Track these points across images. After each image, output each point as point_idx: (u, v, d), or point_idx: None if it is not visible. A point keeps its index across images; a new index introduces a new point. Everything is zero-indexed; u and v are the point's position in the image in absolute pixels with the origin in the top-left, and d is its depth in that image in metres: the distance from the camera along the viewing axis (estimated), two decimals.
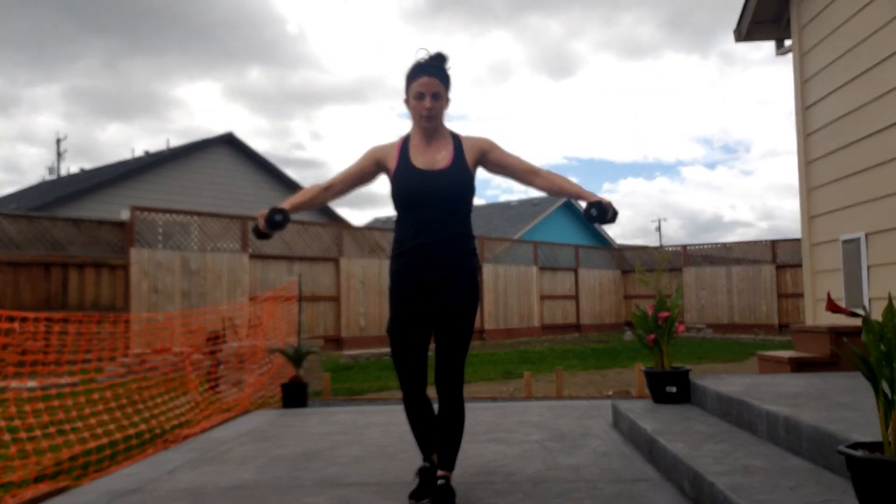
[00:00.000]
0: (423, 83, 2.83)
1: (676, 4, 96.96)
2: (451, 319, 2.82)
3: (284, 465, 3.59)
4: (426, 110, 2.83)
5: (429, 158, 2.88)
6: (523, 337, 17.97)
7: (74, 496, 3.12)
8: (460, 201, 2.89)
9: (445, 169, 2.86)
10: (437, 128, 2.91)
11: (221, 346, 7.08)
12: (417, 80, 2.83)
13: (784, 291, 18.24)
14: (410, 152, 2.90)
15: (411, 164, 2.87)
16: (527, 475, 3.22)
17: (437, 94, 2.84)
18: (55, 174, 30.94)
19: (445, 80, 2.89)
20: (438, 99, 2.85)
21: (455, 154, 2.89)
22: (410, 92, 2.86)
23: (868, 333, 1.87)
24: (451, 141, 2.94)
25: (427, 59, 2.89)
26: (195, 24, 72.63)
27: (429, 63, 2.88)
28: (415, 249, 2.84)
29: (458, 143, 2.93)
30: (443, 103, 2.88)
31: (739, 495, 2.24)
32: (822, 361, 5.30)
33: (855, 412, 2.93)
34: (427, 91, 2.82)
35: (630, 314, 4.77)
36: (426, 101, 2.83)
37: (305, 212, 15.68)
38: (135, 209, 11.62)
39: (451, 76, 2.92)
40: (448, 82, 2.91)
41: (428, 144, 2.91)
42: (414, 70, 2.87)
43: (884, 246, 5.19)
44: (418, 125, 2.90)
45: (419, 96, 2.83)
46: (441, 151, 2.90)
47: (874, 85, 5.30)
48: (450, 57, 2.92)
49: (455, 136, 2.97)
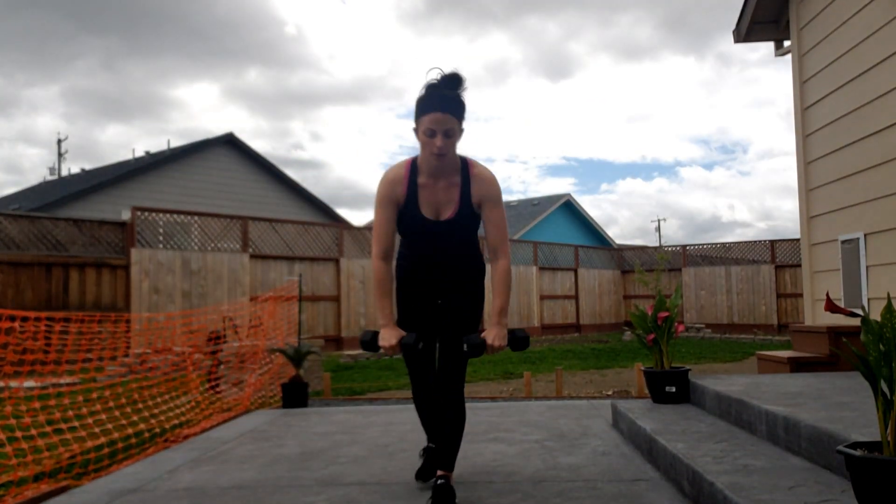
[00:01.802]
0: (435, 119, 2.59)
1: (673, 6, 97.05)
2: (456, 322, 2.85)
3: (285, 464, 3.60)
4: (437, 149, 2.62)
5: (435, 205, 2.77)
6: None
7: (75, 495, 3.12)
8: (465, 242, 2.87)
9: (451, 219, 2.78)
10: (448, 160, 2.73)
11: (222, 346, 7.09)
12: (429, 116, 2.60)
13: (783, 291, 18.24)
14: (419, 194, 2.76)
15: (418, 211, 2.77)
16: (526, 475, 3.22)
17: (449, 132, 2.62)
18: (56, 174, 30.95)
19: (460, 113, 2.65)
20: (451, 136, 2.63)
21: (461, 200, 2.76)
22: (421, 126, 2.64)
23: (867, 333, 1.87)
24: (460, 179, 2.76)
25: (440, 83, 2.64)
26: (194, 25, 72.68)
27: (442, 95, 2.62)
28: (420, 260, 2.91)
29: (465, 183, 2.75)
30: (455, 139, 2.67)
31: (739, 495, 2.24)
32: (821, 361, 5.31)
33: (854, 412, 2.93)
34: (439, 128, 2.60)
35: (629, 314, 4.78)
36: (437, 140, 2.61)
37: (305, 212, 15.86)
38: (135, 209, 11.63)
39: (465, 103, 2.68)
40: (463, 114, 2.67)
41: (436, 181, 2.76)
42: (426, 102, 2.63)
43: (882, 246, 5.20)
44: (427, 159, 2.72)
45: (430, 133, 2.61)
46: (448, 194, 2.76)
47: (873, 86, 5.30)
48: (465, 79, 2.66)
49: (465, 170, 2.77)
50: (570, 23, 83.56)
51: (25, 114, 68.92)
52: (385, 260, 2.81)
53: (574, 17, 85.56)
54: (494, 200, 2.78)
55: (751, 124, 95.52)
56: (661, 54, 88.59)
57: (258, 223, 13.32)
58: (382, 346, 2.72)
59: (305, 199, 23.37)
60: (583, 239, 27.12)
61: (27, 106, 68.33)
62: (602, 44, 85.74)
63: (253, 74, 76.23)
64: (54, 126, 76.21)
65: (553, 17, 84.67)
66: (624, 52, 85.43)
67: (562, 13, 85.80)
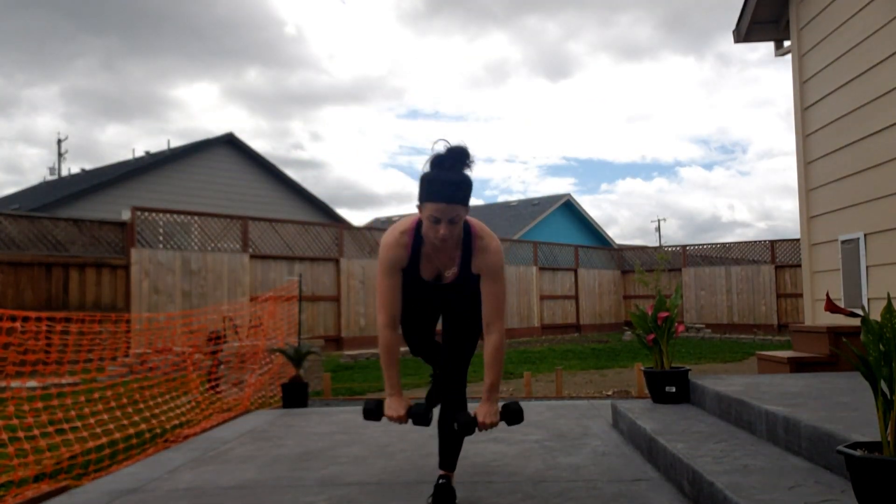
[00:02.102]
0: (440, 209, 2.47)
1: (673, 6, 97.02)
2: (457, 323, 2.86)
3: (285, 464, 3.60)
4: (440, 239, 2.52)
5: (436, 270, 2.73)
6: (523, 337, 17.97)
7: (75, 495, 3.12)
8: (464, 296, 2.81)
9: (451, 283, 2.75)
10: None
11: (222, 346, 7.09)
12: (434, 205, 2.47)
13: (783, 291, 18.25)
14: (421, 261, 2.70)
15: (420, 276, 2.73)
16: (527, 475, 3.22)
17: (454, 219, 2.50)
18: (56, 174, 30.95)
19: (466, 199, 2.53)
20: (455, 223, 2.51)
21: (461, 267, 2.69)
22: (425, 210, 2.51)
23: (867, 333, 1.87)
24: (461, 249, 2.67)
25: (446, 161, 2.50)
26: (193, 25, 72.64)
27: (449, 182, 2.48)
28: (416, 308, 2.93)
29: (467, 252, 2.67)
30: (460, 224, 2.55)
31: (739, 495, 2.25)
32: (821, 361, 5.31)
33: (854, 412, 2.94)
34: (444, 217, 2.48)
35: (629, 314, 4.78)
36: (441, 228, 2.49)
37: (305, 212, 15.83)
38: (135, 209, 11.63)
39: (472, 183, 2.54)
40: (469, 197, 2.54)
41: (439, 252, 2.68)
42: (432, 189, 2.48)
43: (882, 246, 5.20)
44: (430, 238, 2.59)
45: (434, 220, 2.49)
46: (450, 262, 2.69)
47: (873, 86, 5.30)
48: (472, 155, 2.53)
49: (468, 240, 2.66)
50: (569, 23, 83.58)
51: (25, 114, 68.94)
52: (392, 328, 2.68)
53: (574, 17, 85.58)
54: (495, 273, 2.68)
55: (750, 124, 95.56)
56: (660, 54, 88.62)
57: (258, 223, 13.33)
58: (389, 415, 2.62)
59: (305, 199, 23.38)
60: (583, 239, 27.12)
61: (27, 106, 68.35)
62: (602, 44, 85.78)
63: (252, 74, 76.26)
64: (54, 126, 76.22)
65: (553, 17, 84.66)
66: (624, 52, 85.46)
67: (561, 13, 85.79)
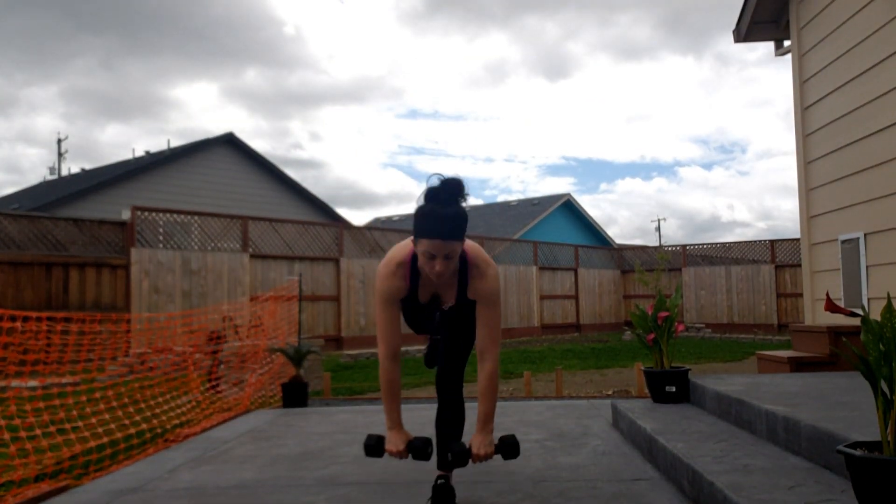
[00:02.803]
0: (435, 246, 2.42)
1: (672, 6, 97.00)
2: (454, 321, 2.85)
3: (285, 464, 3.60)
4: (436, 275, 2.47)
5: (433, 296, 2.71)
6: (523, 336, 17.97)
7: (75, 495, 3.12)
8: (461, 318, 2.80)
9: (448, 308, 2.74)
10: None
11: (222, 346, 7.09)
12: (429, 241, 2.42)
13: (783, 291, 18.25)
14: (419, 289, 2.66)
15: (416, 299, 2.70)
16: (527, 475, 3.22)
17: (450, 254, 2.45)
18: (56, 174, 30.95)
19: (461, 234, 2.48)
20: (451, 258, 2.47)
21: (458, 294, 2.67)
22: (420, 245, 2.47)
23: (867, 333, 1.87)
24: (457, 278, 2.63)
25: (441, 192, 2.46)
26: (192, 25, 72.65)
27: (444, 217, 2.43)
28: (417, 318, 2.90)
29: (463, 282, 2.64)
30: (456, 259, 2.50)
31: (739, 494, 2.25)
32: (821, 361, 5.31)
33: (854, 412, 2.94)
34: (440, 253, 2.43)
35: (629, 314, 4.78)
36: (437, 265, 2.45)
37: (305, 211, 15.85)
38: (135, 209, 11.63)
39: (467, 217, 2.51)
40: (464, 231, 2.49)
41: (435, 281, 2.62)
42: (426, 225, 2.44)
43: (882, 246, 5.20)
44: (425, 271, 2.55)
45: (429, 256, 2.45)
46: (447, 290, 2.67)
47: (873, 85, 5.30)
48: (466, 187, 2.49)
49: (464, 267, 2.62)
50: (568, 23, 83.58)
51: (25, 114, 68.98)
52: (393, 360, 2.63)
53: (573, 17, 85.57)
54: (491, 300, 2.63)
55: (749, 124, 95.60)
56: (659, 54, 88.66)
57: (258, 223, 13.33)
58: (389, 450, 2.58)
59: (305, 199, 23.38)
60: (583, 239, 27.12)
61: (26, 106, 68.38)
62: (601, 44, 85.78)
63: (252, 74, 76.27)
64: (54, 126, 76.28)
65: (552, 17, 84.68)
66: (623, 52, 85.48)
67: (560, 13, 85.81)
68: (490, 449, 2.58)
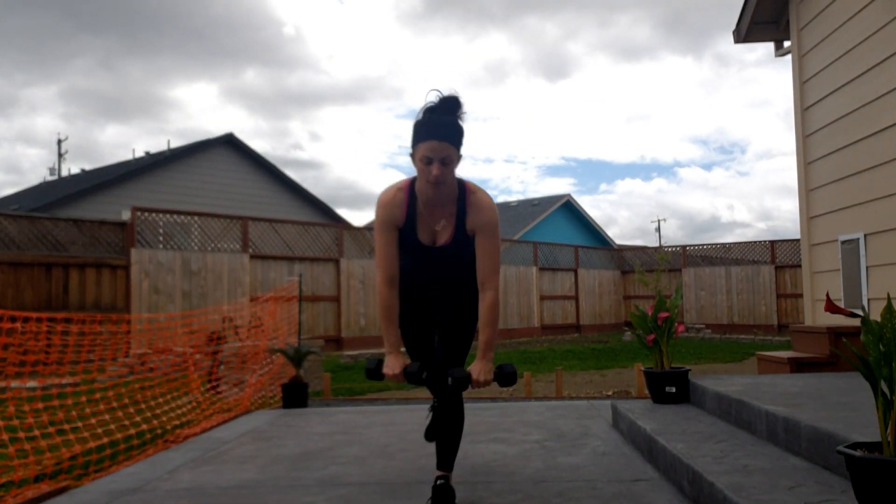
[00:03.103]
0: (432, 148, 2.52)
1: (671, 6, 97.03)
2: (452, 321, 2.86)
3: (285, 464, 3.60)
4: (433, 178, 2.55)
5: (431, 232, 2.74)
6: (523, 337, 17.97)
7: (75, 496, 3.12)
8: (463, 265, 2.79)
9: (446, 245, 2.75)
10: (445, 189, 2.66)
11: (222, 347, 7.09)
12: (426, 143, 2.53)
13: (783, 292, 18.25)
14: (417, 220, 2.71)
15: (415, 236, 2.74)
16: (527, 475, 3.22)
17: (446, 159, 2.55)
18: (56, 175, 30.95)
19: (458, 141, 2.58)
20: (448, 164, 2.56)
21: (456, 227, 2.71)
22: (417, 153, 2.57)
23: (867, 333, 1.87)
24: (456, 207, 2.70)
25: (438, 107, 2.58)
26: (191, 25, 72.64)
27: (441, 121, 2.56)
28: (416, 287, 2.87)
29: (462, 210, 2.70)
30: (452, 167, 2.60)
31: (739, 495, 2.25)
32: (820, 361, 5.31)
33: (854, 412, 2.94)
34: (436, 156, 2.53)
35: (630, 314, 4.78)
36: (434, 168, 2.54)
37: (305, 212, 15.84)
38: (135, 209, 11.63)
39: (464, 129, 2.61)
40: (461, 141, 2.60)
41: (433, 210, 2.70)
42: (423, 129, 2.56)
43: (882, 246, 5.20)
44: (424, 188, 2.64)
45: (426, 161, 2.54)
46: (444, 221, 2.71)
47: (873, 86, 5.31)
48: (464, 103, 2.61)
49: (462, 197, 2.70)
50: (568, 23, 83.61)
51: (24, 114, 68.96)
52: (390, 286, 2.70)
53: (572, 18, 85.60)
54: (489, 230, 2.69)
55: (749, 125, 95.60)
56: (659, 54, 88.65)
57: (258, 223, 13.33)
58: (386, 373, 2.68)
59: (305, 199, 23.38)
60: (583, 239, 27.12)
61: (26, 106, 68.36)
62: (600, 44, 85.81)
63: (251, 74, 76.26)
64: (53, 126, 76.23)
65: (551, 17, 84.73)
66: (622, 52, 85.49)
67: (560, 13, 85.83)
68: (489, 376, 2.65)
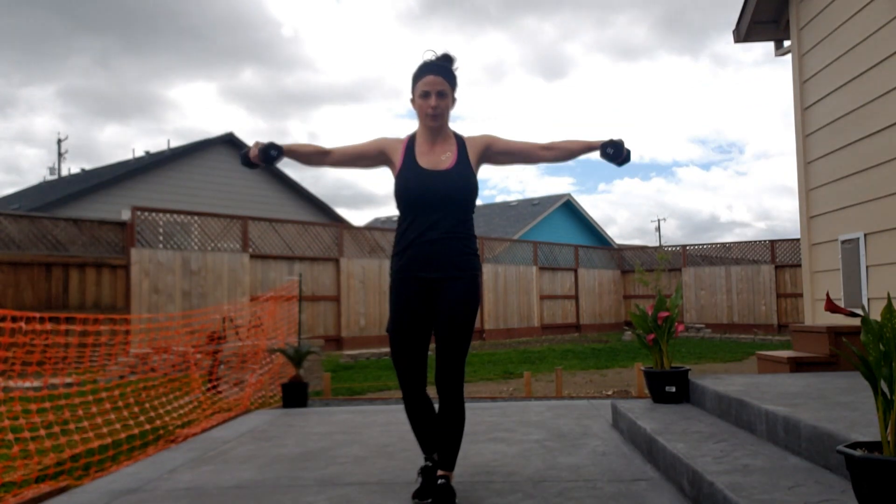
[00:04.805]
0: (428, 82, 2.85)
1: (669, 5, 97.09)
2: (451, 320, 2.83)
3: (285, 464, 3.60)
4: (431, 108, 2.85)
5: (433, 158, 2.90)
6: (523, 337, 17.97)
7: (75, 495, 3.13)
8: (463, 201, 2.89)
9: (449, 169, 2.88)
10: (442, 127, 2.94)
11: (222, 347, 7.09)
12: (423, 79, 2.86)
13: (783, 291, 18.25)
14: (416, 150, 2.93)
15: (416, 163, 2.89)
16: (527, 475, 3.23)
17: (442, 93, 2.86)
18: (56, 174, 30.94)
19: (451, 79, 2.91)
20: (444, 97, 2.87)
21: (459, 155, 2.93)
22: (416, 91, 2.89)
23: (867, 333, 1.87)
24: (455, 142, 2.97)
25: (434, 60, 2.92)
26: (189, 24, 72.69)
27: (435, 62, 2.91)
28: (415, 248, 2.83)
29: (461, 144, 2.97)
30: (448, 102, 2.90)
31: (739, 495, 2.25)
32: (820, 361, 5.31)
33: (854, 412, 2.94)
34: (433, 89, 2.85)
35: (630, 314, 4.79)
36: (431, 100, 2.85)
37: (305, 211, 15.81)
38: (135, 209, 11.63)
39: (457, 76, 2.95)
40: (454, 82, 2.93)
41: (433, 144, 2.93)
42: (420, 69, 2.89)
43: (882, 246, 5.20)
44: (423, 124, 2.92)
45: (424, 95, 2.86)
46: (445, 152, 2.92)
47: (873, 85, 5.31)
48: (456, 58, 2.96)
49: (459, 137, 3.00)
50: (566, 23, 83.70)
51: (23, 114, 69.02)
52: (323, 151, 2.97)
53: (570, 18, 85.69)
54: (496, 137, 3.02)
55: (747, 124, 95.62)
56: (657, 54, 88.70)
57: (258, 223, 13.33)
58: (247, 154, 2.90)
59: (305, 199, 23.37)
60: (583, 239, 27.12)
61: (25, 106, 68.42)
62: (598, 44, 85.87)
63: (249, 74, 76.32)
64: (52, 126, 76.24)
65: (549, 17, 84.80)
66: (620, 52, 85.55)
67: (558, 13, 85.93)
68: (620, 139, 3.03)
